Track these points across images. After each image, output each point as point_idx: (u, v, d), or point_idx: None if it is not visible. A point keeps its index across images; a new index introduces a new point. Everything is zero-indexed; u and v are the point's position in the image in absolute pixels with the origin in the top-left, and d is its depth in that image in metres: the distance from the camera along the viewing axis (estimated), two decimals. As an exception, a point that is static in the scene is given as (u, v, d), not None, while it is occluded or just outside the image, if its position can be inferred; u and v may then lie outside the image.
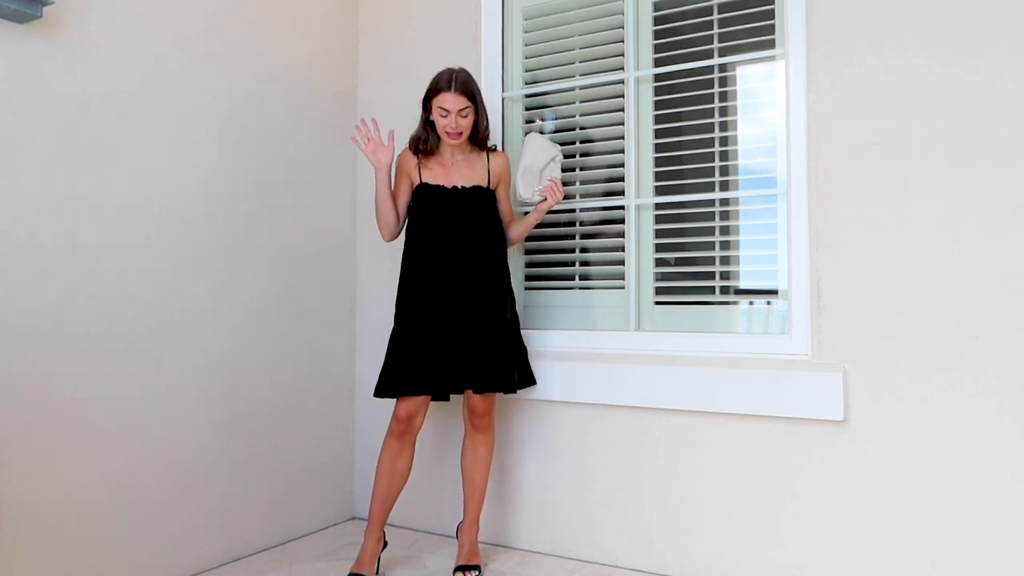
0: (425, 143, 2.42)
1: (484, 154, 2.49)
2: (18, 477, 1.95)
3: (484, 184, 2.44)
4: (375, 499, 2.36)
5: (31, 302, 2.00)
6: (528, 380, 2.55)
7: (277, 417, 2.73)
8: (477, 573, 2.37)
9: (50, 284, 2.04)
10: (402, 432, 2.35)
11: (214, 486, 2.48)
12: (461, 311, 2.35)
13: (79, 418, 2.10)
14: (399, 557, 2.59)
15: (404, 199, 2.45)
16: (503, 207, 2.54)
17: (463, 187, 2.41)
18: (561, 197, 2.47)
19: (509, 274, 2.49)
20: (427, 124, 2.42)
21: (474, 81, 2.40)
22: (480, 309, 2.37)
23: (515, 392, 2.48)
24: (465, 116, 2.34)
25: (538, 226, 2.80)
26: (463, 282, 2.36)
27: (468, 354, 2.36)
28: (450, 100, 2.31)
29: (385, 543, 2.42)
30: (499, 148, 2.74)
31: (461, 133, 2.36)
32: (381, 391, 2.35)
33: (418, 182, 2.42)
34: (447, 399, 2.44)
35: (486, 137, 2.47)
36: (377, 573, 2.38)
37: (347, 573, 2.35)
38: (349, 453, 3.07)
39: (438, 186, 2.40)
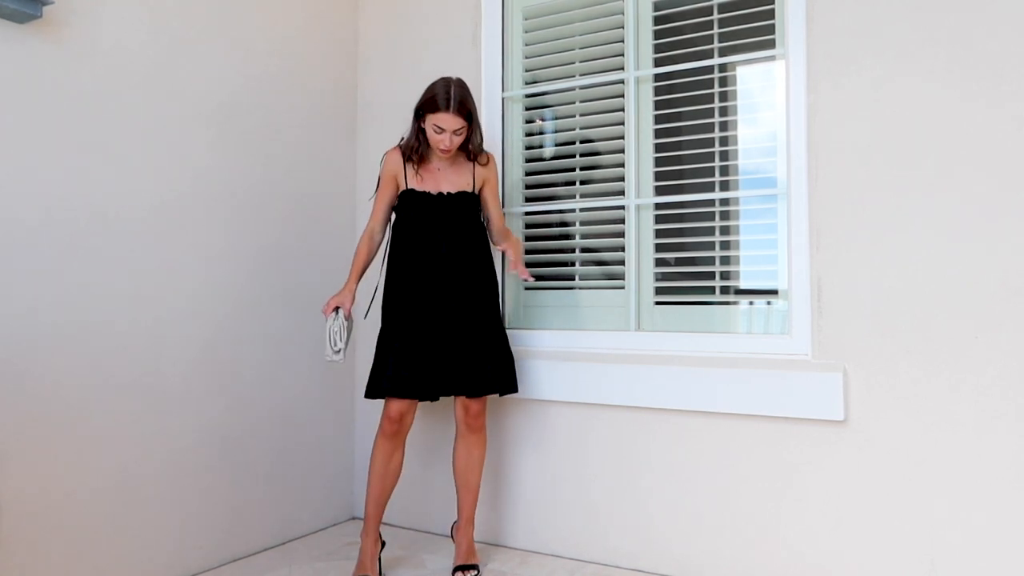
0: (416, 152, 2.38)
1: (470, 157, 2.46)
2: (18, 476, 1.96)
3: (470, 189, 2.42)
4: (370, 500, 2.35)
5: (30, 302, 2.00)
6: (511, 387, 2.45)
7: (277, 417, 2.73)
8: (476, 573, 2.37)
9: (50, 283, 2.04)
10: (395, 432, 2.34)
11: (214, 486, 2.48)
12: (448, 313, 2.34)
13: (79, 418, 2.10)
14: (398, 557, 2.59)
15: (389, 203, 2.44)
16: (490, 208, 2.49)
17: (449, 193, 2.39)
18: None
19: (496, 276, 2.47)
20: (418, 133, 2.37)
21: (471, 95, 2.34)
22: (467, 311, 2.36)
23: (509, 394, 2.46)
24: (460, 135, 2.32)
25: (537, 226, 2.81)
26: (448, 284, 2.34)
27: (458, 357, 2.34)
28: (447, 120, 2.27)
29: (383, 543, 2.42)
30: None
31: (452, 150, 2.35)
32: (371, 392, 2.33)
33: (404, 187, 2.40)
34: (436, 399, 2.41)
35: (478, 149, 2.43)
36: (380, 574, 2.38)
37: None
38: (349, 453, 3.07)
39: (424, 192, 2.38)
